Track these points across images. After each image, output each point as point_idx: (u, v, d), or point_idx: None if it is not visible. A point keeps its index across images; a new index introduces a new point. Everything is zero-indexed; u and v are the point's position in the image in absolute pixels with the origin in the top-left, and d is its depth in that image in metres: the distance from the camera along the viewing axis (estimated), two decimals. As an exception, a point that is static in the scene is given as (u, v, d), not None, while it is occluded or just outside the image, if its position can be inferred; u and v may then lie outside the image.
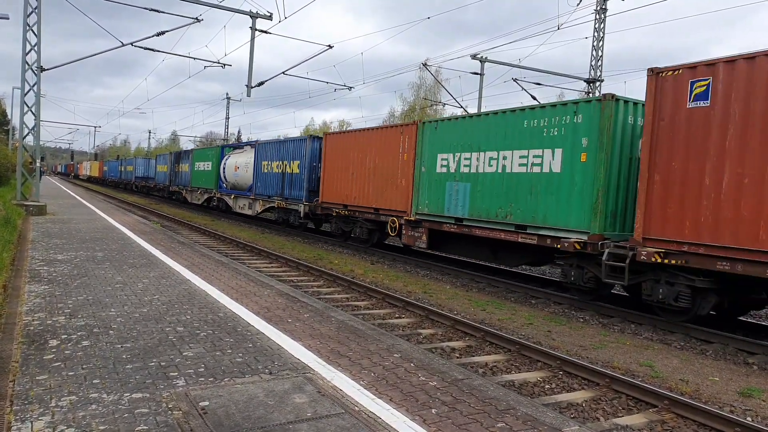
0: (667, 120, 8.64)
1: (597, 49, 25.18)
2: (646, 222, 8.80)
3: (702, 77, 8.28)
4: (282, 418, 3.73)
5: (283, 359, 4.96)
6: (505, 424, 3.90)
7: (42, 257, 9.67)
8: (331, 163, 18.69)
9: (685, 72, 8.45)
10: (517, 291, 11.60)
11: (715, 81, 8.10)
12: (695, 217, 8.18)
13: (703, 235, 8.07)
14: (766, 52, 7.64)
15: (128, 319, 5.98)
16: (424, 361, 5.18)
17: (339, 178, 18.22)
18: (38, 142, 19.79)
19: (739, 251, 7.63)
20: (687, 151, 8.34)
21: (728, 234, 7.77)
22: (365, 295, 10.63)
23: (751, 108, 7.66)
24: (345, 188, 17.80)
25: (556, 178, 10.64)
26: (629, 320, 9.41)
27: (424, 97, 46.12)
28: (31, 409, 3.66)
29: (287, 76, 22.71)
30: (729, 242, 7.75)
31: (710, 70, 8.17)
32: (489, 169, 12.27)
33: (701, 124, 8.19)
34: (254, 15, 18.05)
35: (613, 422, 5.30)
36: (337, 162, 18.36)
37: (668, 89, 8.64)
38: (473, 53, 24.79)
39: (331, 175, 18.72)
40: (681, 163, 8.41)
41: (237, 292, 7.77)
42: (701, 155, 8.15)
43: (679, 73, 8.53)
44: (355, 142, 17.46)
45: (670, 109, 8.61)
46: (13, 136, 44.58)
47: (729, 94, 7.90)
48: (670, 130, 8.58)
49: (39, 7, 18.19)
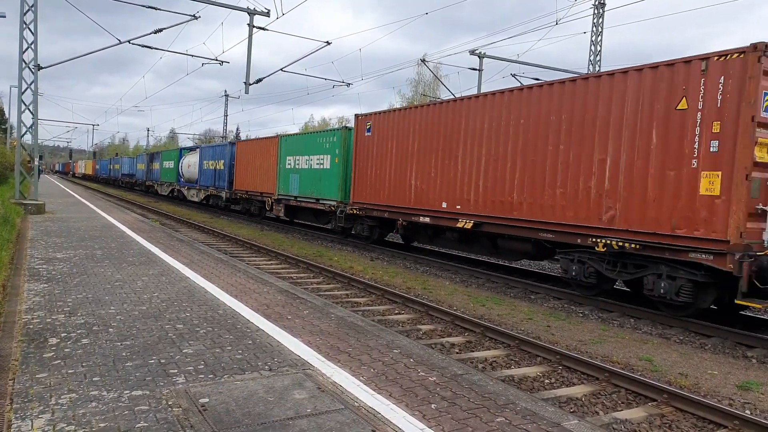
0: (359, 142, 16.82)
1: (595, 44, 25.15)
2: (353, 194, 17.05)
3: (368, 120, 16.42)
4: (282, 414, 3.74)
5: (282, 356, 4.97)
6: (504, 418, 3.91)
7: (41, 256, 9.67)
8: (240, 162, 26.06)
9: (365, 117, 16.64)
10: (517, 286, 11.62)
11: (373, 123, 16.20)
12: (367, 190, 16.33)
13: (370, 199, 16.21)
14: (395, 108, 15.95)
15: (128, 316, 5.98)
16: (423, 357, 5.19)
17: (244, 172, 25.53)
18: (36, 141, 19.75)
19: (385, 206, 15.60)
20: (365, 158, 16.45)
21: (385, 198, 15.56)
22: (365, 291, 10.64)
23: (387, 136, 15.54)
24: (247, 180, 25.13)
25: (327, 172, 18.67)
26: (628, 315, 9.43)
27: (422, 93, 46.08)
28: (31, 407, 3.66)
29: (285, 72, 22.66)
30: (382, 201, 15.69)
31: (372, 117, 16.31)
32: (305, 166, 20.07)
33: (368, 145, 16.33)
34: (252, 12, 18.00)
35: (613, 416, 5.32)
36: (242, 161, 25.75)
37: (360, 125, 16.78)
38: (472, 49, 24.75)
39: (239, 170, 26.10)
40: (362, 164, 16.58)
41: (236, 289, 7.77)
42: (368, 160, 16.27)
43: (363, 117, 16.69)
44: (252, 147, 25.11)
45: (360, 136, 16.78)
46: (11, 134, 44.54)
47: (378, 129, 15.93)
48: (360, 147, 16.74)
49: (35, 5, 18.12)
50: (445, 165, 13.29)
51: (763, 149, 7.89)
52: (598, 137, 9.71)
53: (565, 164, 10.27)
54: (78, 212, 19.46)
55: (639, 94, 9.09)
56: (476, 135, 12.31)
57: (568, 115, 10.25)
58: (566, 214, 10.21)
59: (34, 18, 18.19)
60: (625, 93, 9.28)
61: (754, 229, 7.92)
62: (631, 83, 9.21)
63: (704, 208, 8.18)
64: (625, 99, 9.30)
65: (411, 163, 14.44)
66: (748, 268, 7.68)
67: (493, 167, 11.87)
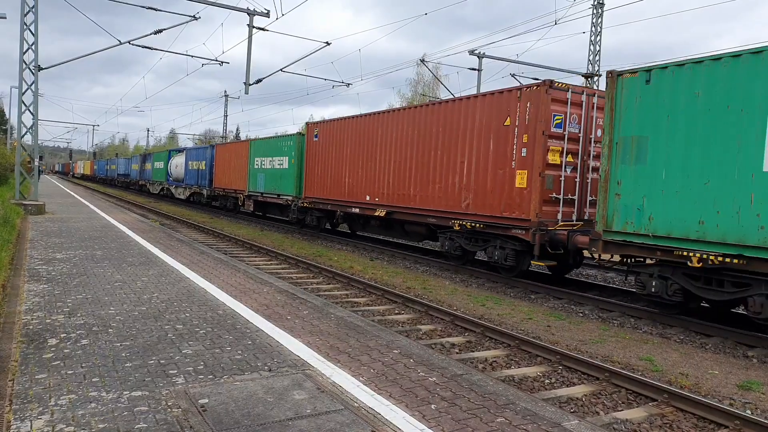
0: (309, 146, 19.80)
1: (595, 44, 25.14)
2: (305, 190, 20.03)
3: (316, 128, 19.48)
4: (281, 415, 3.73)
5: (282, 356, 4.96)
6: (504, 419, 3.90)
7: (41, 256, 9.66)
8: (218, 163, 29.17)
9: (313, 125, 19.75)
10: (517, 286, 11.61)
11: (319, 130, 19.20)
12: (315, 187, 19.24)
13: (317, 194, 19.10)
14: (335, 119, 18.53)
15: (127, 317, 5.98)
16: (423, 357, 5.18)
17: (221, 172, 28.58)
18: (36, 141, 19.75)
19: (328, 199, 18.42)
20: (313, 160, 19.44)
21: (328, 193, 18.40)
22: (365, 291, 10.63)
23: (329, 141, 18.38)
24: (224, 179, 28.13)
25: (286, 171, 21.61)
26: (628, 314, 9.42)
27: (422, 93, 46.07)
28: (30, 408, 3.66)
29: (285, 73, 22.65)
30: (325, 196, 18.56)
31: (318, 125, 19.40)
32: (269, 166, 22.99)
33: (316, 149, 19.28)
34: (251, 12, 17.99)
35: (613, 416, 5.31)
36: (220, 162, 28.83)
37: (310, 132, 19.85)
38: (471, 49, 24.75)
39: (218, 170, 29.15)
40: (311, 165, 19.59)
41: (236, 290, 7.76)
42: (316, 162, 19.20)
43: (312, 125, 19.85)
44: (228, 150, 28.34)
45: (309, 141, 19.80)
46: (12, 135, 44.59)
47: (323, 135, 18.87)
48: (309, 151, 19.75)
49: (36, 7, 18.12)
50: (368, 165, 16.36)
51: (555, 154, 11.02)
52: (460, 145, 12.84)
53: (441, 166, 13.46)
54: (78, 212, 19.45)
55: (483, 114, 12.20)
56: (388, 142, 15.46)
57: (443, 128, 13.38)
58: (441, 204, 13.43)
59: (35, 19, 18.19)
60: (476, 112, 12.41)
61: (550, 212, 11.09)
62: (479, 105, 12.33)
63: (518, 197, 11.28)
64: (475, 117, 12.41)
65: (345, 164, 17.56)
66: (540, 238, 10.77)
67: (398, 168, 15.05)
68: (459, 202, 12.79)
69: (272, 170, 22.67)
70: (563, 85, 11.09)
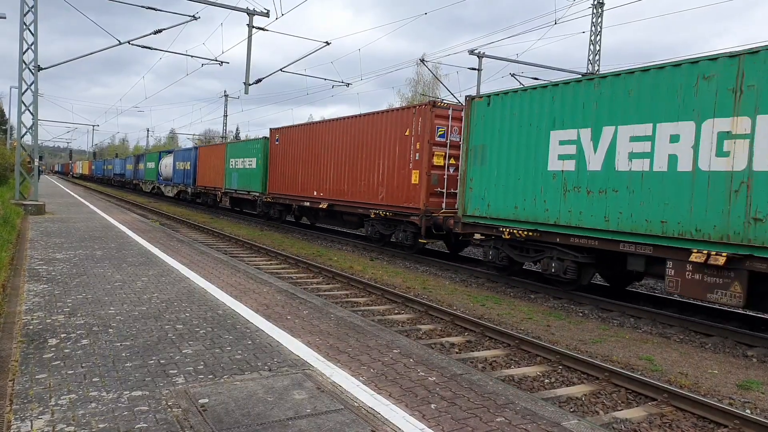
0: (272, 149, 22.77)
1: (594, 44, 25.14)
2: (269, 186, 22.88)
3: (277, 134, 22.47)
4: (281, 415, 3.74)
5: (282, 356, 4.97)
6: (504, 418, 3.91)
7: (41, 256, 9.67)
8: (201, 164, 31.96)
9: (275, 131, 22.54)
10: (517, 286, 11.62)
11: (280, 135, 22.20)
12: (276, 184, 22.12)
13: (278, 190, 21.95)
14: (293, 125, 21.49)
15: (127, 317, 5.98)
16: (423, 357, 5.19)
17: (203, 172, 31.48)
18: (36, 142, 19.75)
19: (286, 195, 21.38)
20: (275, 161, 22.37)
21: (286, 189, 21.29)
22: (364, 291, 10.63)
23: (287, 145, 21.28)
24: (206, 178, 31.05)
25: (254, 171, 24.44)
26: (628, 314, 9.43)
27: (422, 92, 46.07)
28: (30, 408, 3.66)
29: (285, 73, 22.65)
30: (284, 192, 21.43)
31: (279, 131, 22.35)
32: (241, 166, 25.89)
33: (277, 151, 22.28)
34: (251, 12, 17.98)
35: (613, 416, 5.31)
36: (203, 163, 31.66)
37: (272, 137, 22.82)
38: (471, 48, 24.75)
39: (200, 170, 32.00)
40: (273, 165, 22.52)
41: (236, 290, 7.77)
42: (277, 162, 22.15)
43: (274, 131, 22.65)
44: (209, 151, 31.34)
45: (272, 145, 22.76)
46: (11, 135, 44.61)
47: (282, 140, 21.80)
48: (272, 153, 22.74)
49: (36, 6, 18.12)
50: (315, 166, 19.43)
51: (439, 158, 14.17)
52: (377, 150, 15.91)
53: (365, 166, 16.53)
54: (78, 213, 19.46)
55: (392, 126, 15.33)
56: (329, 147, 18.57)
57: (367, 137, 16.44)
58: (365, 197, 16.41)
59: (34, 19, 18.18)
60: (388, 124, 15.53)
61: (435, 202, 14.17)
62: (390, 118, 15.50)
63: (413, 191, 14.45)
64: (387, 128, 15.51)
65: (299, 165, 20.64)
66: (426, 223, 13.94)
67: (336, 168, 18.10)
68: (377, 196, 15.91)
69: (244, 170, 25.72)
70: (445, 104, 14.52)
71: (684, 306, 10.12)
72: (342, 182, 17.67)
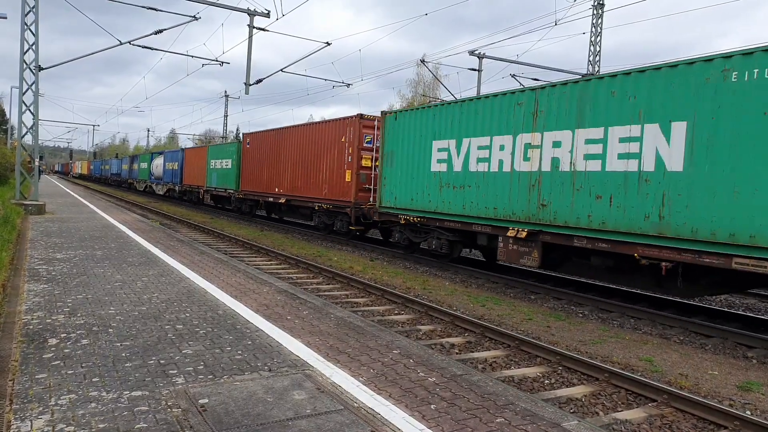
0: (244, 152, 25.64)
1: (595, 45, 25.14)
2: (241, 184, 25.84)
3: (248, 138, 25.44)
4: (281, 415, 3.74)
5: (282, 356, 4.97)
6: (504, 419, 3.90)
7: (41, 256, 9.67)
8: (186, 164, 34.94)
9: (246, 135, 25.72)
10: (516, 287, 11.62)
11: (251, 139, 25.16)
12: (247, 182, 25.11)
13: (249, 188, 24.96)
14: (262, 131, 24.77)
15: (127, 317, 5.98)
16: (423, 357, 5.18)
17: (189, 171, 34.40)
18: (37, 142, 19.75)
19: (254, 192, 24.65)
20: (246, 162, 25.29)
21: (254, 187, 24.34)
22: (364, 291, 10.63)
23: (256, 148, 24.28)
24: (191, 177, 33.99)
25: (230, 170, 27.14)
26: (628, 315, 9.43)
27: (422, 93, 46.07)
28: (30, 408, 3.66)
29: (285, 73, 22.66)
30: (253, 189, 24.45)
31: (250, 135, 25.44)
32: (219, 167, 28.81)
33: (248, 153, 25.17)
34: (252, 12, 17.99)
35: (613, 417, 5.31)
36: (188, 163, 34.60)
37: (244, 140, 25.74)
38: (471, 49, 24.76)
39: (186, 170, 34.95)
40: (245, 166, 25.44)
41: (236, 290, 7.77)
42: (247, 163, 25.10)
43: (245, 135, 25.82)
44: (194, 153, 34.58)
45: (244, 148, 25.57)
46: (12, 135, 44.66)
47: (252, 143, 24.76)
48: (244, 155, 25.58)
49: (36, 7, 18.13)
50: (277, 166, 22.46)
51: (367, 160, 17.06)
52: (322, 153, 19.01)
53: (313, 167, 19.62)
54: (78, 212, 19.46)
55: (333, 133, 18.46)
56: (287, 150, 21.67)
57: (315, 142, 19.58)
58: (314, 193, 19.54)
59: (35, 19, 18.20)
60: (329, 132, 18.74)
61: (364, 197, 16.90)
62: (332, 126, 18.61)
63: (346, 187, 17.42)
64: (329, 135, 18.69)
65: (264, 165, 23.58)
66: (354, 213, 16.86)
67: (292, 168, 21.25)
68: (322, 192, 18.97)
69: (221, 170, 28.76)
70: (371, 117, 17.29)
71: (684, 307, 10.12)
72: (296, 180, 20.89)
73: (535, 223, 10.48)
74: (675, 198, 8.28)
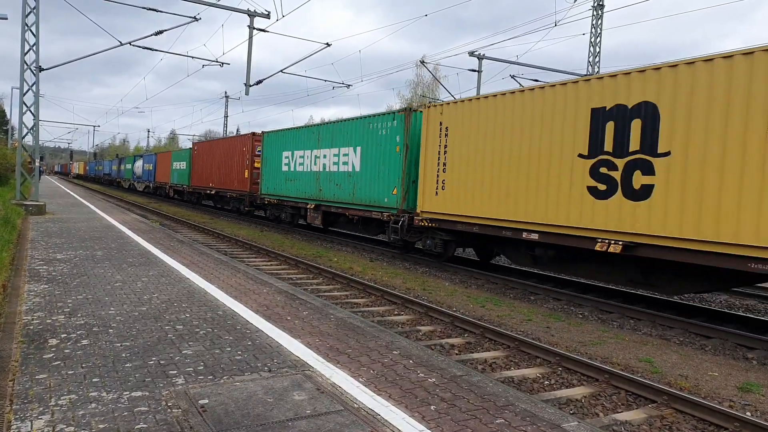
0: (193, 155, 33.30)
1: (594, 45, 25.15)
2: (192, 180, 33.46)
3: (196, 146, 33.93)
4: (281, 416, 3.74)
5: (282, 357, 4.97)
6: (504, 420, 3.91)
7: (41, 256, 9.67)
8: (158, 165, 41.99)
9: (195, 143, 34.78)
10: (516, 287, 11.62)
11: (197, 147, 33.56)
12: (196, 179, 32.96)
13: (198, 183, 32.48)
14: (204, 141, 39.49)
15: (127, 317, 5.98)
16: (423, 358, 5.19)
17: (159, 171, 41.79)
18: (37, 142, 19.77)
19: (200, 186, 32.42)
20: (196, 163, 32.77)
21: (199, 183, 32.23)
22: (364, 292, 10.63)
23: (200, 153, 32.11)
24: (160, 176, 41.43)
25: (185, 170, 34.78)
26: (628, 316, 9.43)
27: (422, 94, 46.07)
28: (30, 408, 3.66)
29: (285, 74, 22.68)
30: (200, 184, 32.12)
31: (197, 144, 34.16)
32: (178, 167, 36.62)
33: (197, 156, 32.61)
34: (252, 13, 18.01)
35: (613, 418, 5.31)
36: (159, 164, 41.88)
37: (194, 147, 34.09)
38: (471, 50, 24.76)
39: (157, 170, 42.16)
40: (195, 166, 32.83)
41: (236, 290, 7.77)
42: (197, 165, 32.40)
43: (195, 143, 34.88)
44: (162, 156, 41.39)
45: (194, 152, 33.41)
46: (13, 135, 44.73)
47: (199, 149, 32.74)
48: (194, 157, 33.24)
49: (37, 7, 18.14)
50: (211, 167, 29.61)
51: (258, 163, 23.68)
52: (233, 158, 26.34)
53: (229, 168, 26.79)
54: (78, 213, 19.46)
55: (239, 144, 26.12)
56: (216, 155, 28.80)
57: (230, 151, 26.87)
58: (229, 186, 26.69)
59: (36, 20, 18.21)
60: (237, 143, 26.51)
61: (255, 188, 24.05)
62: (238, 140, 26.59)
63: (245, 181, 24.78)
64: (237, 146, 26.30)
65: (205, 166, 30.75)
66: (249, 199, 24.35)
67: (218, 168, 28.38)
68: (234, 184, 26.10)
69: (180, 170, 36.03)
70: (260, 135, 23.90)
71: (684, 308, 10.13)
72: (221, 177, 28.05)
73: (317, 200, 18.67)
74: (359, 183, 16.43)
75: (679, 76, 8.31)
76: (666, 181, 8.41)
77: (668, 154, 8.41)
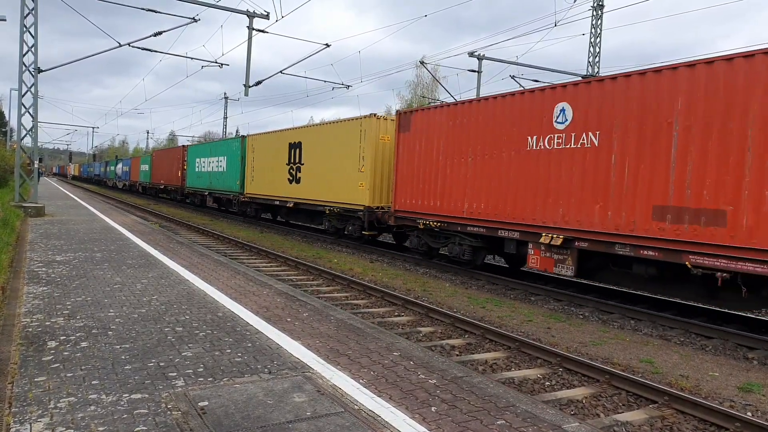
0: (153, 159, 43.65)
1: (594, 46, 25.15)
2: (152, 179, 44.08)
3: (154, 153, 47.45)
4: (281, 418, 3.72)
5: (282, 358, 4.95)
6: (504, 421, 3.89)
7: (40, 258, 9.66)
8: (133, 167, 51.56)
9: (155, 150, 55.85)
10: (517, 288, 11.61)
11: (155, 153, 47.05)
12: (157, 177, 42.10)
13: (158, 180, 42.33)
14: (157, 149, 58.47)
15: (127, 319, 5.97)
16: (423, 359, 5.17)
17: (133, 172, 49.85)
18: (36, 144, 19.75)
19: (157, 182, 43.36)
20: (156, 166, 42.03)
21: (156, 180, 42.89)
22: (364, 293, 10.62)
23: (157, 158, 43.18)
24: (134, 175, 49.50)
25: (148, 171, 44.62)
26: (629, 316, 9.42)
27: (421, 95, 46.08)
28: (29, 411, 3.65)
29: (285, 75, 22.68)
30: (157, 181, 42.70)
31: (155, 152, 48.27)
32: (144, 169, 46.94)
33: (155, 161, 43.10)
34: (251, 14, 18.00)
35: (614, 418, 5.30)
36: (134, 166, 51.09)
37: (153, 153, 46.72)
38: (471, 51, 24.77)
39: (132, 171, 50.49)
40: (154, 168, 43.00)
41: (236, 292, 7.76)
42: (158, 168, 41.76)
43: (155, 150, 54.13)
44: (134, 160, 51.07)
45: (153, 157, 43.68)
46: (11, 137, 44.76)
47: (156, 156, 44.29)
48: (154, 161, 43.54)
49: (36, 9, 18.13)
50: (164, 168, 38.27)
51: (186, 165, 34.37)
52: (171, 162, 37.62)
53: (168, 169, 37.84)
54: (77, 215, 19.44)
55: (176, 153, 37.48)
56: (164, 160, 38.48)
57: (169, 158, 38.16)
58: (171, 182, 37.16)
59: (35, 21, 18.20)
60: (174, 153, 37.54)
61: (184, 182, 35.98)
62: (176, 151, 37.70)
63: (179, 178, 35.63)
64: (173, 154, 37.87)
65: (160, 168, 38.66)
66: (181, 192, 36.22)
67: (167, 169, 37.33)
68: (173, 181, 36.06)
69: (145, 171, 44.51)
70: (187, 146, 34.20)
71: (684, 308, 10.12)
72: (167, 175, 36.78)
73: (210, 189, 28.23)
74: (222, 179, 27.50)
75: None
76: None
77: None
